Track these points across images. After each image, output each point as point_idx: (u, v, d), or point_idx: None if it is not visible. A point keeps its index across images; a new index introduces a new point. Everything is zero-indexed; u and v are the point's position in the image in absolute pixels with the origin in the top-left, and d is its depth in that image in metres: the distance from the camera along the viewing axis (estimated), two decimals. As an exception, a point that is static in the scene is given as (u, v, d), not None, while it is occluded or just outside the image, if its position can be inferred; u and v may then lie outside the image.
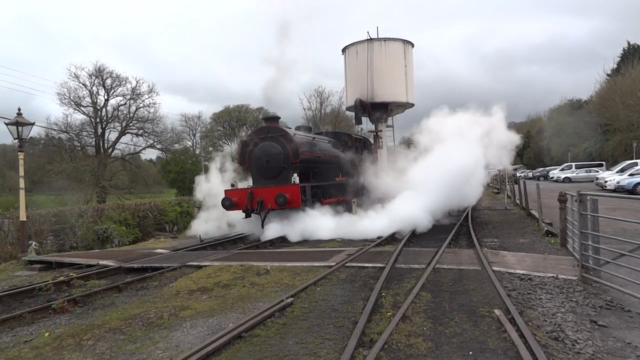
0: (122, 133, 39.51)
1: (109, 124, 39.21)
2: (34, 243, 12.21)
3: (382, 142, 22.82)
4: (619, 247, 5.94)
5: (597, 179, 27.93)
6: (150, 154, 50.22)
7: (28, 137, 12.82)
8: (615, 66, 46.78)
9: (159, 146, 42.52)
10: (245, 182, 16.49)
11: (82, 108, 37.45)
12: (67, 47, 79.44)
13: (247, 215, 14.15)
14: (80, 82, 36.70)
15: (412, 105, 23.06)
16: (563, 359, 3.96)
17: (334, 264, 8.08)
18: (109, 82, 37.82)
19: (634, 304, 5.37)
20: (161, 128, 41.95)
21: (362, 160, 18.86)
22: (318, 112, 50.61)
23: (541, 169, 52.25)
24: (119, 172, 40.16)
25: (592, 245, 6.22)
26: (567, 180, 37.51)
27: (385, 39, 21.99)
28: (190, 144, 55.04)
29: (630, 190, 21.77)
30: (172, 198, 26.99)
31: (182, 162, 42.26)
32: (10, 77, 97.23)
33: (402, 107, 23.22)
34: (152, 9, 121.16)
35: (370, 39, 21.84)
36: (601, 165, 38.51)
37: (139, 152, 42.42)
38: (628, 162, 27.56)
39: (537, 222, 12.78)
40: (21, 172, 12.41)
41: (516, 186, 21.73)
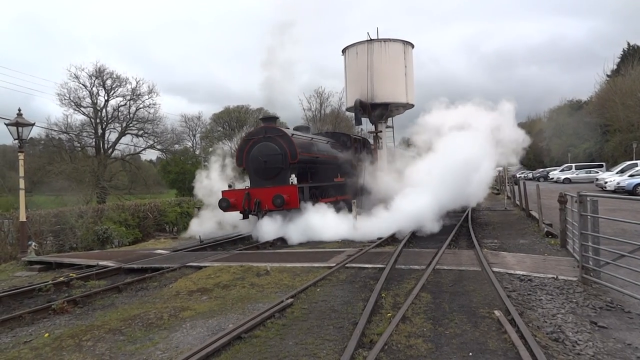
0: (122, 134, 39.50)
1: (109, 125, 39.20)
2: (33, 243, 12.21)
3: (382, 142, 22.85)
4: (619, 248, 5.94)
5: (597, 179, 27.91)
6: (151, 155, 50.33)
7: (28, 138, 12.85)
8: (615, 67, 46.79)
9: (159, 147, 42.55)
10: (242, 182, 16.47)
11: (82, 109, 37.47)
12: (66, 48, 79.50)
13: (244, 217, 14.11)
14: (80, 83, 36.72)
15: (412, 105, 23.09)
16: (563, 360, 3.96)
17: (334, 264, 8.08)
18: (109, 82, 37.84)
19: (634, 305, 5.37)
20: (161, 129, 42.01)
21: (361, 160, 18.83)
22: (318, 113, 50.60)
23: (541, 169, 52.24)
24: (119, 172, 40.13)
25: (592, 246, 6.22)
26: (567, 181, 37.50)
27: (385, 40, 22.03)
28: (190, 144, 55.11)
29: (631, 191, 21.76)
30: (172, 199, 26.96)
31: (182, 162, 42.22)
32: (10, 78, 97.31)
33: (402, 107, 23.27)
34: (152, 9, 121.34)
35: (370, 39, 21.87)
36: (601, 166, 38.47)
37: (139, 152, 42.48)
38: (628, 163, 27.55)
39: (537, 223, 12.77)
40: (21, 172, 12.41)
41: (516, 187, 21.72)
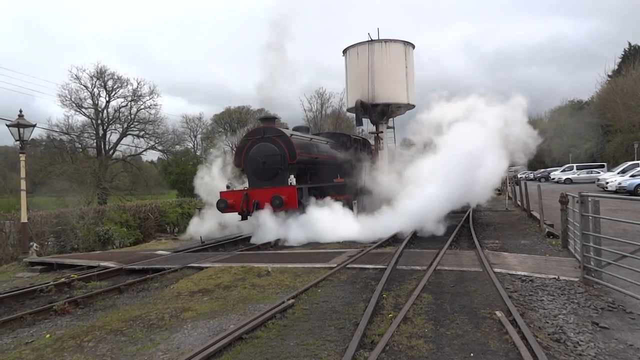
0: (123, 135, 39.54)
1: (110, 126, 39.24)
2: (35, 244, 12.24)
3: (382, 143, 22.84)
4: (621, 248, 5.94)
5: (598, 180, 27.89)
6: (152, 156, 50.25)
7: (29, 139, 12.87)
8: (616, 67, 46.76)
9: (160, 148, 42.60)
10: (241, 182, 16.43)
11: (83, 110, 37.48)
12: (67, 49, 79.35)
13: (243, 218, 14.05)
14: (81, 84, 36.73)
15: (412, 106, 23.08)
16: (565, 360, 3.95)
17: (335, 265, 8.07)
18: (110, 83, 37.86)
19: (636, 306, 5.36)
20: (162, 129, 41.98)
21: (361, 161, 18.78)
22: (319, 114, 50.63)
23: (542, 170, 52.20)
24: (120, 173, 40.20)
25: (593, 246, 6.21)
26: (569, 181, 37.48)
27: (386, 40, 22.03)
28: (191, 145, 55.12)
29: (632, 192, 21.71)
30: (173, 199, 27.01)
31: (183, 163, 42.26)
32: (11, 79, 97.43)
33: (402, 108, 23.26)
34: (152, 9, 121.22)
35: (371, 40, 21.89)
36: (602, 166, 38.42)
37: (140, 153, 42.56)
38: (629, 163, 27.51)
39: (539, 223, 12.75)
40: (22, 173, 12.44)
41: (517, 187, 21.71)
